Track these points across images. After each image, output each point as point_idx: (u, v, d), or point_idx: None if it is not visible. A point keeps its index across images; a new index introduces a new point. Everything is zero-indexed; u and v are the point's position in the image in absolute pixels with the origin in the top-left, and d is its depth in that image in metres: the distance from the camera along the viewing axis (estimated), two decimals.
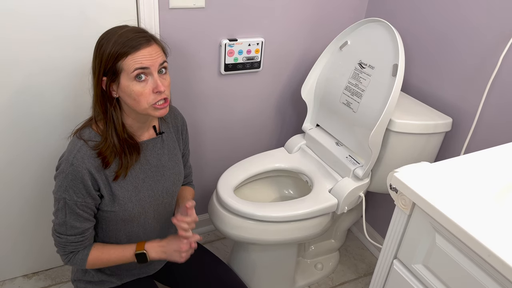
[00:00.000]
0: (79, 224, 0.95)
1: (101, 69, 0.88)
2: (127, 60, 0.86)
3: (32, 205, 1.39)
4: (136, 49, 0.86)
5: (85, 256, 0.98)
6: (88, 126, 0.95)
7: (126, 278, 1.13)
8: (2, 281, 1.51)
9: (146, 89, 0.88)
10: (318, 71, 1.47)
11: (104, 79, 0.89)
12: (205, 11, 1.33)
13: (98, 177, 0.93)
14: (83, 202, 0.93)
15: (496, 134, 1.21)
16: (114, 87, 0.90)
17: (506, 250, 0.61)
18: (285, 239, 1.27)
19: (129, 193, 0.98)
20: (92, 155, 0.91)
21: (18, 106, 1.21)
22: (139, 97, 0.88)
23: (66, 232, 0.95)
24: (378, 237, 1.76)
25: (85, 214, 0.95)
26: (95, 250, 0.99)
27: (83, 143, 0.92)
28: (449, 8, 1.29)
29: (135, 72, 0.86)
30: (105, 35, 0.90)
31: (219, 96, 1.52)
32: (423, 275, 0.77)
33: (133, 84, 0.87)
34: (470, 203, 0.71)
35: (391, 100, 1.16)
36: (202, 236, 1.80)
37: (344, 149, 1.40)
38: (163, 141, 1.06)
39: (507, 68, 1.14)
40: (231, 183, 1.34)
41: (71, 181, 0.90)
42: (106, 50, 0.87)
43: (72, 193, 0.91)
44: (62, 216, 0.93)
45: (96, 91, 0.92)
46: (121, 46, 0.86)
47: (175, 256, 1.01)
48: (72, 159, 0.90)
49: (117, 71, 0.87)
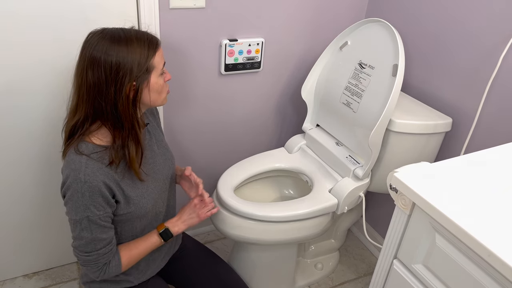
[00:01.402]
0: (105, 236, 0.94)
1: (132, 76, 0.87)
2: (155, 58, 0.91)
3: (33, 205, 1.40)
4: (158, 45, 0.93)
5: (118, 261, 0.98)
6: (82, 142, 0.91)
7: (143, 277, 1.12)
8: (3, 281, 1.51)
9: (164, 81, 0.97)
10: (318, 71, 1.47)
11: (134, 84, 0.88)
12: (206, 11, 1.33)
13: (112, 185, 0.92)
14: (105, 213, 0.92)
15: (496, 134, 1.21)
16: (141, 88, 0.90)
17: (506, 250, 0.61)
18: (285, 239, 1.28)
19: (140, 190, 0.99)
20: (100, 167, 0.90)
21: (17, 107, 1.21)
22: (162, 88, 0.96)
23: (96, 247, 0.93)
24: (378, 237, 1.77)
25: (108, 224, 0.95)
26: (123, 251, 1.00)
27: (87, 158, 0.89)
28: (449, 9, 1.29)
29: (163, 67, 0.94)
30: (113, 47, 0.86)
31: (219, 96, 1.52)
32: (423, 275, 0.77)
33: (160, 79, 0.94)
34: (470, 203, 0.71)
35: (391, 100, 1.16)
36: (203, 235, 1.80)
37: (344, 149, 1.41)
38: (149, 132, 1.08)
39: (507, 68, 1.14)
40: (231, 183, 1.34)
41: (89, 198, 0.89)
42: (129, 55, 0.86)
43: (93, 209, 0.90)
44: (88, 235, 0.92)
45: (122, 101, 0.88)
46: (148, 45, 0.89)
47: (193, 219, 1.10)
48: (84, 177, 0.87)
49: (149, 71, 0.91)
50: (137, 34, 0.90)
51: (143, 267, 1.11)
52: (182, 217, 1.10)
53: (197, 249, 1.27)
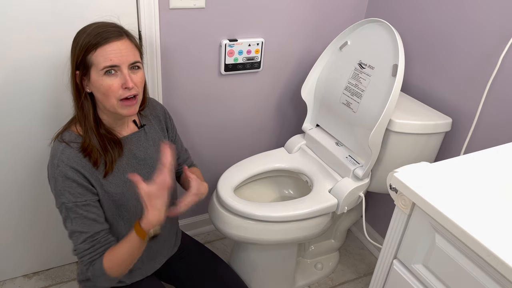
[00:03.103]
0: (86, 229, 0.91)
1: (73, 62, 0.90)
2: (97, 54, 0.87)
3: (33, 205, 1.40)
4: (106, 41, 0.87)
5: (101, 263, 0.91)
6: (67, 129, 0.95)
7: (136, 278, 1.12)
8: (3, 281, 1.51)
9: (115, 84, 0.88)
10: (318, 71, 1.47)
11: (77, 72, 0.90)
12: (205, 12, 1.33)
13: (89, 176, 0.92)
14: (83, 201, 0.91)
15: (496, 134, 1.21)
16: (86, 81, 0.91)
17: (505, 250, 0.61)
18: (285, 239, 1.28)
19: (120, 188, 0.98)
20: (77, 156, 0.91)
21: (16, 106, 1.21)
22: (108, 91, 0.88)
23: (78, 241, 0.91)
24: (378, 237, 1.77)
25: (91, 214, 0.92)
26: (106, 253, 0.93)
27: (65, 145, 0.91)
28: (449, 8, 1.29)
29: (104, 69, 0.87)
30: (82, 28, 0.91)
31: (219, 96, 1.52)
32: (423, 275, 0.77)
33: (103, 79, 0.88)
34: (470, 203, 0.71)
35: (391, 100, 1.16)
36: (202, 236, 1.80)
37: (344, 149, 1.41)
38: (146, 134, 1.06)
39: (507, 68, 1.14)
40: (231, 183, 1.34)
41: (62, 183, 0.89)
42: (79, 41, 0.89)
43: (68, 195, 0.89)
44: (69, 225, 0.91)
45: (72, 85, 0.93)
46: (92, 37, 0.87)
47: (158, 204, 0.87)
48: (57, 162, 0.89)
49: (88, 65, 0.88)
50: (101, 25, 0.90)
51: (135, 266, 1.09)
52: (150, 209, 0.88)
53: (196, 250, 1.27)
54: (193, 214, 1.77)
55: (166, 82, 1.39)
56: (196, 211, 1.77)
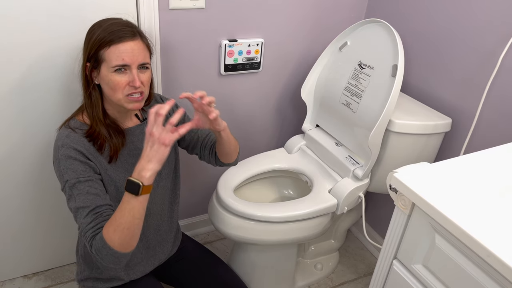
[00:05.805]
0: (89, 203, 0.89)
1: (85, 54, 0.94)
2: (109, 51, 0.90)
3: (32, 205, 1.39)
4: (120, 40, 0.90)
5: (101, 234, 0.86)
6: (73, 118, 0.99)
7: (133, 275, 1.12)
8: (2, 281, 1.51)
9: (123, 80, 0.92)
10: (317, 71, 1.47)
11: (87, 64, 0.94)
12: (205, 12, 1.33)
13: (92, 158, 0.94)
14: (86, 177, 0.91)
15: (495, 134, 1.21)
16: (95, 73, 0.94)
17: (505, 250, 0.61)
18: (285, 239, 1.28)
19: (122, 175, 1.01)
20: (82, 140, 0.94)
21: (16, 103, 1.21)
22: (116, 86, 0.92)
23: (81, 216, 0.88)
24: (377, 238, 1.77)
25: (93, 189, 0.90)
26: (105, 224, 0.87)
27: (71, 130, 0.94)
28: (448, 9, 1.29)
29: (116, 67, 0.90)
30: (98, 22, 0.95)
31: (219, 96, 1.52)
32: (423, 275, 0.77)
33: (112, 75, 0.91)
34: (470, 204, 0.71)
35: (391, 100, 1.16)
36: (202, 236, 1.80)
37: (343, 150, 1.41)
38: None
39: (506, 68, 1.14)
40: (231, 183, 1.34)
41: (65, 162, 0.91)
42: (94, 35, 0.92)
43: (71, 172, 0.90)
44: (73, 204, 0.89)
45: (82, 75, 0.96)
46: (107, 34, 0.90)
47: (160, 149, 0.84)
48: (61, 143, 0.92)
49: (99, 60, 0.91)
50: (116, 22, 0.93)
51: (133, 262, 1.10)
52: (143, 154, 0.86)
53: (196, 250, 1.27)
54: (193, 214, 1.77)
55: (166, 82, 1.39)
56: (196, 212, 1.77)
